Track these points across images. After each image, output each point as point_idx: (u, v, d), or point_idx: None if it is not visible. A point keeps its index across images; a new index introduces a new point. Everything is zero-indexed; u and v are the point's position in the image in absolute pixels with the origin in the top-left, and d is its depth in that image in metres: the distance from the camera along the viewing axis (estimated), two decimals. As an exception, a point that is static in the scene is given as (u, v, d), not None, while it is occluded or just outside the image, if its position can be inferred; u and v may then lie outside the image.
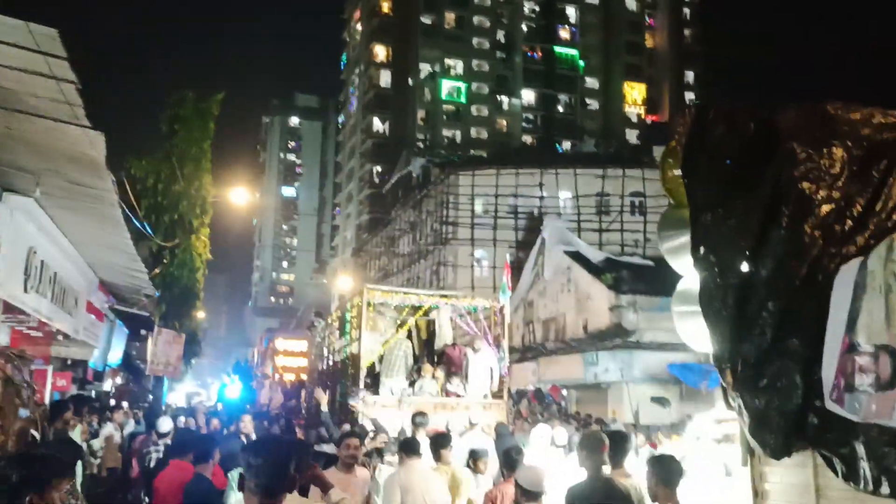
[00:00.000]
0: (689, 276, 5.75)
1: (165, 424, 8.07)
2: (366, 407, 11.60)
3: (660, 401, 22.59)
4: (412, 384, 12.05)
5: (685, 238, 5.57)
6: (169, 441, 8.03)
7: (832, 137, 5.02)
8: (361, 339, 11.74)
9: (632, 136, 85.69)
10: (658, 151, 38.46)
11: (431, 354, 14.11)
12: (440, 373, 12.30)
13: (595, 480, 5.22)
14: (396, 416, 11.36)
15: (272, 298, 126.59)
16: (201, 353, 26.66)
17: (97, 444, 9.14)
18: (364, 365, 11.84)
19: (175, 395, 68.28)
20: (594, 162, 40.09)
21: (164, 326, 21.33)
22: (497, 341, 12.57)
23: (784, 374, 4.58)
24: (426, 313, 14.20)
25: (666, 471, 4.88)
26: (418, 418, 9.23)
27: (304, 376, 25.32)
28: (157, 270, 19.25)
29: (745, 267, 4.90)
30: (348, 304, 13.06)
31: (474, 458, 7.61)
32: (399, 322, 12.87)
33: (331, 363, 14.34)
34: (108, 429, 9.79)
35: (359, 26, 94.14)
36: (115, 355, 23.08)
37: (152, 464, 7.68)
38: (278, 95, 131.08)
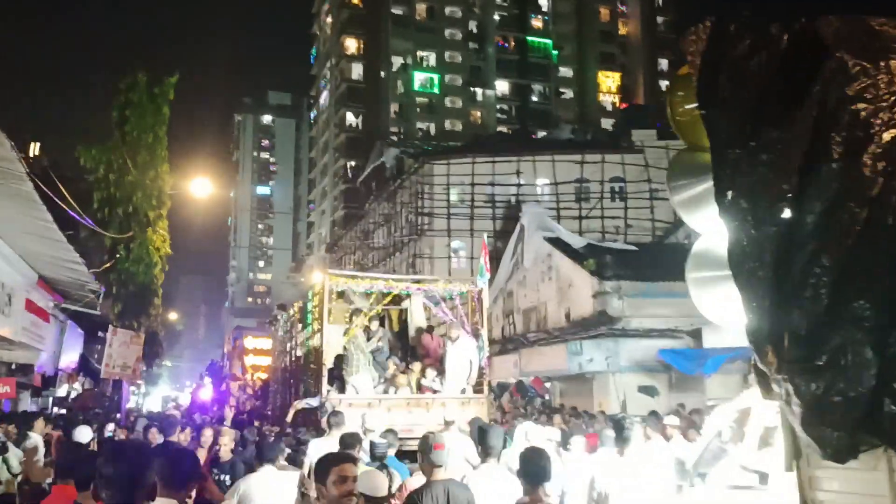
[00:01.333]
0: (709, 232, 4.65)
1: (83, 434, 6.79)
2: (331, 405, 10.40)
3: (648, 390, 21.59)
4: (385, 380, 10.86)
5: (705, 184, 4.41)
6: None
7: (887, 51, 3.89)
8: (323, 330, 10.54)
9: (607, 124, 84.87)
10: (638, 135, 37.59)
11: (405, 347, 12.96)
12: (416, 366, 11.14)
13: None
14: (367, 417, 10.20)
15: (249, 299, 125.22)
16: (164, 354, 25.24)
17: (14, 458, 7.87)
18: (327, 360, 10.65)
19: (151, 400, 66.79)
20: (572, 148, 39.05)
21: (122, 326, 19.96)
22: (475, 329, 11.43)
23: (849, 347, 3.45)
24: (397, 302, 13.05)
25: (531, 465, 4.51)
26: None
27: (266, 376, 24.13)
28: (106, 265, 17.86)
29: (786, 213, 3.72)
30: (309, 292, 11.86)
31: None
32: (364, 312, 11.68)
33: (293, 359, 13.12)
34: (33, 440, 8.50)
35: (328, 19, 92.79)
36: (69, 359, 21.65)
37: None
38: (250, 94, 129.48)
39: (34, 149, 27.67)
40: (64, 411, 20.33)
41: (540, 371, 24.14)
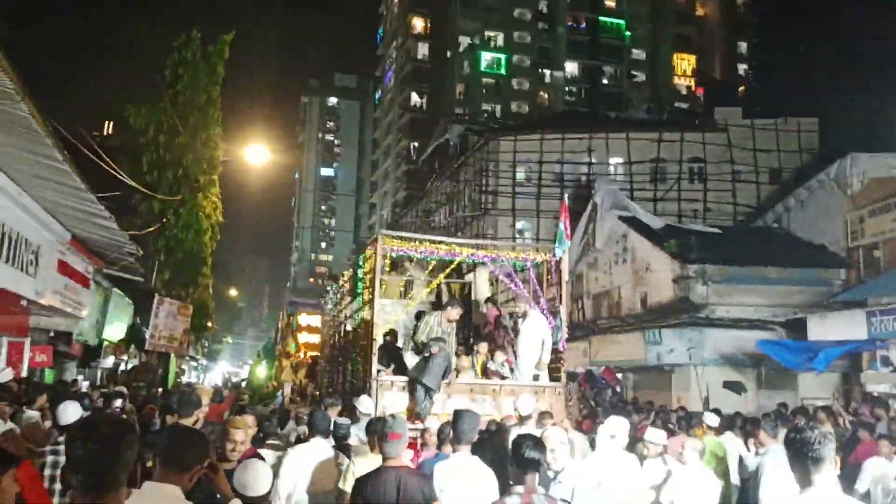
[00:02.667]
0: None
1: (71, 412, 5.38)
2: (381, 389, 8.85)
3: (734, 386, 19.54)
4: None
5: None
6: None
7: None
8: (375, 298, 8.98)
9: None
10: (721, 113, 35.07)
11: (468, 326, 11.35)
12: (481, 347, 9.49)
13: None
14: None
15: (311, 279, 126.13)
16: (215, 327, 24.18)
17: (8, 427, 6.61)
18: (379, 334, 9.09)
19: (213, 375, 66.99)
20: (648, 126, 36.69)
21: (169, 296, 18.88)
22: (553, 306, 9.71)
23: None
24: (459, 274, 11.42)
25: (523, 452, 4.18)
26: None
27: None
28: (151, 228, 16.73)
29: None
30: (360, 258, 10.32)
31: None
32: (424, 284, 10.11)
33: (342, 335, 11.61)
34: (31, 415, 7.21)
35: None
36: (116, 330, 20.69)
37: (46, 471, 5.03)
38: (317, 76, 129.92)
39: (108, 127, 26.99)
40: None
41: (611, 360, 22.24)
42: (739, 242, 23.00)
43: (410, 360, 9.25)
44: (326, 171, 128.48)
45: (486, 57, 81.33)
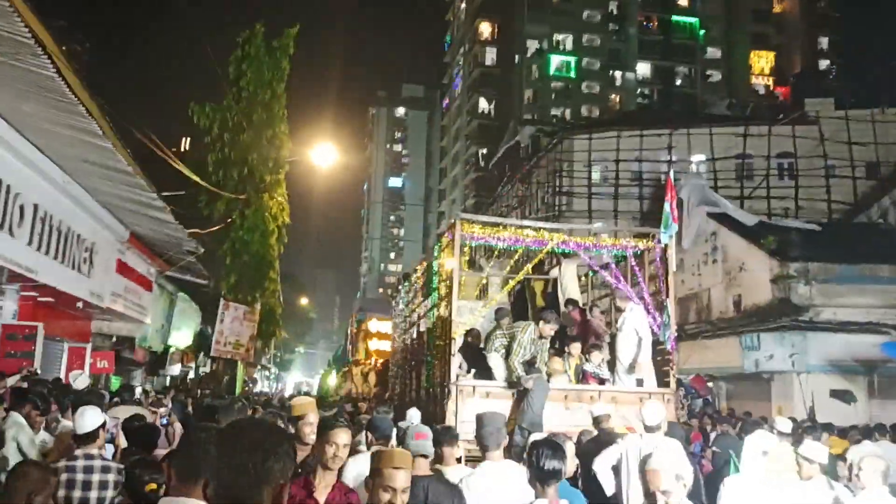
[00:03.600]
0: None
1: (89, 420, 4.40)
2: (461, 396, 7.70)
3: (842, 395, 17.67)
4: (530, 364, 8.00)
5: None
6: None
7: None
8: (454, 291, 7.85)
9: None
10: (812, 105, 32.87)
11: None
12: (574, 347, 8.23)
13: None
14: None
15: (380, 290, 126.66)
16: (283, 335, 23.47)
17: (26, 438, 5.77)
18: (457, 333, 7.94)
19: (284, 386, 67.06)
20: (732, 120, 34.64)
21: (235, 301, 18.17)
22: (659, 302, 8.40)
23: None
24: (540, 269, 10.18)
25: (543, 461, 3.76)
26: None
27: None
28: (215, 227, 16.02)
29: None
30: (435, 248, 9.21)
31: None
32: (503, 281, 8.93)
33: (414, 337, 10.50)
34: (65, 425, 6.35)
35: (462, 4, 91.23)
36: (182, 336, 20.16)
37: (59, 492, 4.09)
38: (385, 87, 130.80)
39: (185, 144, 26.83)
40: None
41: (702, 368, 20.55)
42: (842, 239, 21.07)
43: (495, 362, 8.09)
44: (394, 182, 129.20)
45: (554, 60, 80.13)
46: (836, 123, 31.63)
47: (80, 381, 9.04)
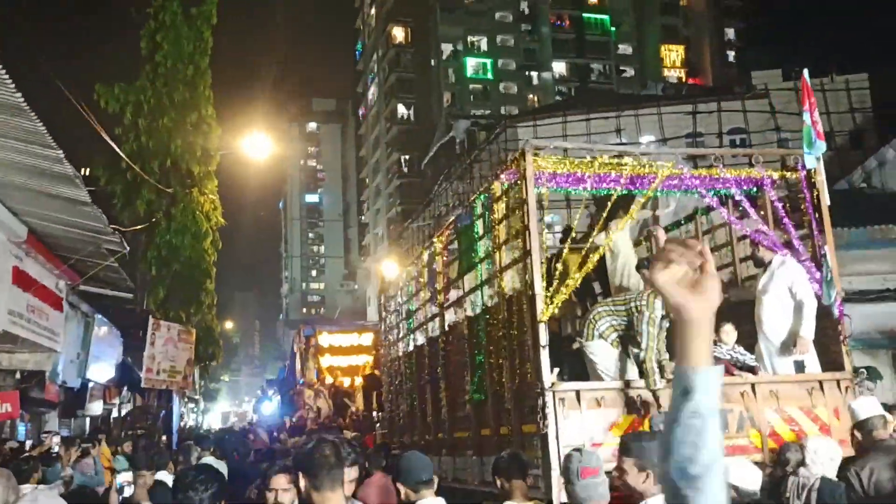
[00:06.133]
0: None
1: None
2: (560, 407, 5.09)
3: (867, 372, 15.81)
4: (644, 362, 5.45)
5: None
6: None
7: None
8: (534, 246, 5.28)
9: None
10: (759, 77, 31.75)
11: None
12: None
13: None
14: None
15: (304, 309, 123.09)
16: (223, 358, 20.25)
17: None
18: (546, 313, 5.31)
19: (211, 417, 62.60)
20: (681, 98, 33.26)
21: (166, 319, 15.01)
22: (814, 249, 6.03)
23: None
24: (569, 235, 7.63)
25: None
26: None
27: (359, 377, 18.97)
28: (139, 226, 12.90)
29: None
30: (480, 199, 6.55)
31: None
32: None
33: (436, 336, 7.75)
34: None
35: (372, 10, 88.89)
36: (104, 368, 16.72)
37: None
38: (294, 102, 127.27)
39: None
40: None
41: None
42: (835, 207, 19.39)
43: (603, 353, 5.53)
44: (311, 198, 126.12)
45: (471, 63, 78.85)
46: (787, 94, 30.59)
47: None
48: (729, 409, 5.32)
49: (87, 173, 15.41)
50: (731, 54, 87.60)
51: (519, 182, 5.63)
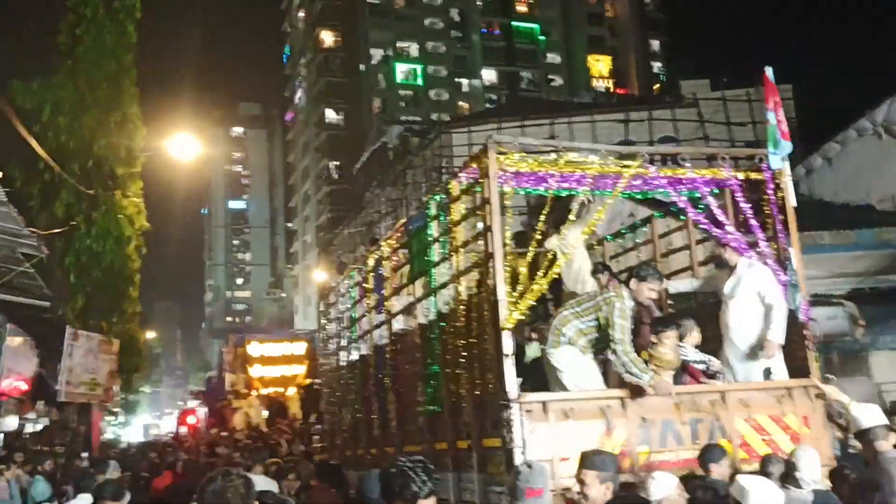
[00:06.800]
0: None
1: None
2: (528, 419, 4.79)
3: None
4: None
5: None
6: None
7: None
8: (496, 246, 4.98)
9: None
10: (688, 87, 32.40)
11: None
12: (667, 335, 5.43)
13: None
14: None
15: (228, 318, 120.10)
16: (144, 368, 19.30)
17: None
18: (511, 320, 4.99)
19: (132, 431, 60.07)
20: (613, 106, 33.63)
21: (86, 329, 14.13)
22: (780, 251, 5.88)
23: None
24: (522, 240, 7.36)
25: None
26: None
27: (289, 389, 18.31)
28: (57, 230, 12.06)
29: None
30: (433, 199, 6.21)
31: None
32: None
33: (383, 344, 7.34)
34: None
35: (301, 13, 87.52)
36: (15, 382, 15.68)
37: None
38: (219, 106, 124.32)
39: None
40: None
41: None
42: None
43: (570, 360, 5.23)
44: (236, 204, 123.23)
45: (401, 68, 78.53)
46: (714, 104, 31.30)
47: None
48: (699, 420, 5.11)
49: (1, 175, 14.36)
50: (656, 65, 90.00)
51: (480, 180, 5.31)
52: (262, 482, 5.81)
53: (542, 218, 5.83)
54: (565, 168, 5.44)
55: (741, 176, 6.08)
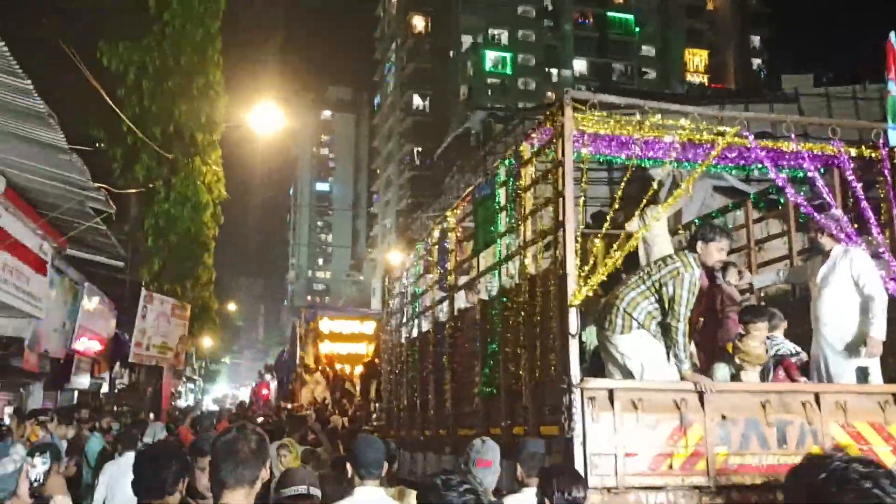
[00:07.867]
0: None
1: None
2: (591, 408, 4.29)
3: None
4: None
5: None
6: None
7: None
8: (569, 221, 4.48)
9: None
10: (789, 81, 30.77)
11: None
12: (757, 326, 4.83)
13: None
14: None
15: (308, 297, 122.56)
16: (215, 336, 19.46)
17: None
18: (579, 296, 4.49)
19: (209, 399, 61.93)
20: (707, 99, 32.24)
21: (160, 292, 14.24)
22: (892, 238, 5.18)
23: None
24: (600, 221, 6.76)
25: None
26: None
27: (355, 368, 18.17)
28: (135, 189, 12.11)
29: None
30: (503, 163, 5.74)
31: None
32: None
33: (444, 321, 6.92)
34: None
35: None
36: (90, 342, 15.98)
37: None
38: (310, 88, 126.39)
39: None
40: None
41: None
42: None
43: (636, 347, 4.70)
44: (322, 186, 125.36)
45: (490, 56, 77.74)
46: (816, 101, 29.60)
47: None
48: (789, 422, 4.50)
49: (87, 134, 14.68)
50: (756, 62, 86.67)
51: (554, 141, 4.82)
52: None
53: (619, 193, 5.31)
54: (650, 133, 4.90)
55: (853, 152, 5.37)
